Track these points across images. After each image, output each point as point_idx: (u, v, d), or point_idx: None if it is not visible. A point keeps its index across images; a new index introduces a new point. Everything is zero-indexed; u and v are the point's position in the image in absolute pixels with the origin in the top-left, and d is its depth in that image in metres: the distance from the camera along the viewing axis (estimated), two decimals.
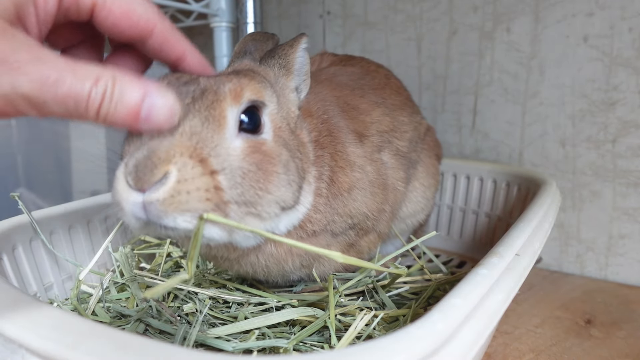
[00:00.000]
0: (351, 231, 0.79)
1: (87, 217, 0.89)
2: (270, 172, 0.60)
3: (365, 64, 1.04)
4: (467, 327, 0.46)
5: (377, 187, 0.80)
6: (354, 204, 0.76)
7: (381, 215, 0.82)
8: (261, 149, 0.60)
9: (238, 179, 0.56)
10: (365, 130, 0.83)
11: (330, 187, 0.73)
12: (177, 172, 0.52)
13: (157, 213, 0.52)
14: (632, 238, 1.11)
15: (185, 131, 0.54)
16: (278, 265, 0.72)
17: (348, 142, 0.78)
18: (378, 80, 0.99)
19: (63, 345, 0.41)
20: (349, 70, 0.98)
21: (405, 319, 0.73)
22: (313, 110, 0.77)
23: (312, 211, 0.71)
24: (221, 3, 1.36)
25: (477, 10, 1.26)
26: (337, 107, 0.82)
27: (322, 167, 0.73)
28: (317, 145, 0.74)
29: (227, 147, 0.57)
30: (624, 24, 1.07)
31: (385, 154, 0.86)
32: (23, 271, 0.76)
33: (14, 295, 0.51)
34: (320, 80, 0.89)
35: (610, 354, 0.83)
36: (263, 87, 0.63)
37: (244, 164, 0.57)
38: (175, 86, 0.58)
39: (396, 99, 0.97)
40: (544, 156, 1.21)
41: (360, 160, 0.78)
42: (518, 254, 0.62)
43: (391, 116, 0.91)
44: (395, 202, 0.88)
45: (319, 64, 1.04)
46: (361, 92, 0.90)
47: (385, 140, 0.87)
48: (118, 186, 0.54)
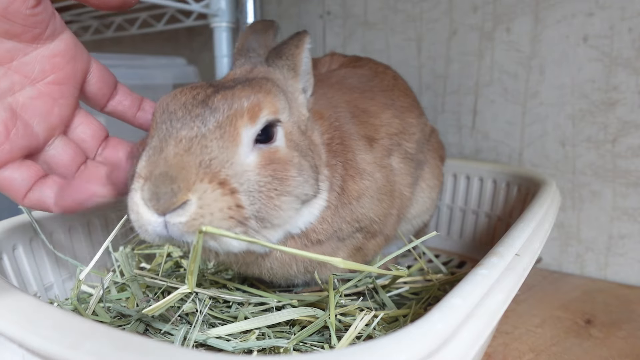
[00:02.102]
0: (358, 234, 0.79)
1: (87, 217, 0.89)
2: (286, 177, 0.61)
3: (373, 65, 1.04)
4: (467, 327, 0.46)
5: (384, 194, 0.80)
6: (361, 210, 0.76)
7: (388, 220, 0.83)
8: (274, 158, 0.61)
9: (256, 194, 0.58)
10: (375, 134, 0.83)
11: (341, 196, 0.74)
12: (198, 200, 0.54)
13: (180, 233, 0.54)
14: (632, 238, 1.11)
15: (203, 158, 0.55)
16: (282, 268, 0.73)
17: (358, 150, 0.78)
18: (387, 82, 0.98)
19: (63, 345, 0.41)
20: (358, 73, 0.98)
21: (405, 319, 0.73)
22: (325, 115, 0.78)
23: (318, 222, 0.71)
24: (221, 3, 1.36)
25: (477, 10, 1.26)
26: (348, 113, 0.82)
27: (334, 176, 0.73)
28: (329, 151, 0.74)
29: (243, 164, 0.58)
30: (624, 24, 1.07)
31: (395, 158, 0.86)
32: (23, 271, 0.76)
33: (14, 295, 0.51)
34: (331, 83, 0.89)
35: (610, 354, 0.83)
36: (278, 100, 0.64)
37: (260, 177, 0.59)
38: (190, 107, 0.59)
39: (405, 101, 0.97)
40: (544, 156, 1.21)
41: (370, 167, 0.78)
42: (518, 254, 0.62)
43: (400, 118, 0.91)
44: (401, 206, 0.88)
45: (329, 65, 1.03)
46: (371, 94, 0.90)
47: (394, 143, 0.87)
48: (138, 209, 0.55)
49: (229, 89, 0.61)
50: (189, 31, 1.85)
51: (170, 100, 0.61)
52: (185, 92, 0.61)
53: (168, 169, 0.54)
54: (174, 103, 0.60)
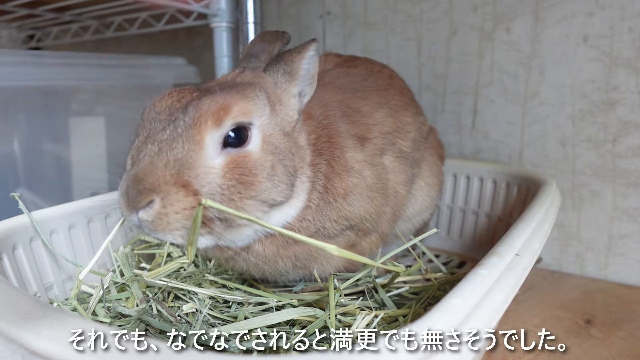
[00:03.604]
0: (349, 232, 0.79)
1: (87, 217, 0.89)
2: (252, 182, 0.63)
3: (369, 64, 1.04)
4: (467, 327, 0.46)
5: (375, 192, 0.80)
6: (349, 208, 0.76)
7: (381, 217, 0.82)
8: (243, 162, 0.63)
9: (218, 196, 0.61)
10: (367, 133, 0.83)
11: (324, 195, 0.74)
12: (160, 200, 0.58)
13: (149, 229, 0.59)
14: (632, 238, 1.11)
15: (169, 160, 0.59)
16: (269, 264, 0.74)
17: (347, 147, 0.78)
18: (382, 81, 0.99)
19: (63, 345, 0.41)
20: (352, 72, 0.98)
21: (405, 319, 0.73)
22: (314, 115, 0.78)
23: (297, 220, 0.72)
24: (221, 3, 1.36)
25: (477, 10, 1.26)
26: (339, 111, 0.82)
27: (317, 175, 0.74)
28: (315, 150, 0.75)
29: (207, 167, 0.61)
30: (624, 24, 1.07)
31: (388, 157, 0.86)
32: (23, 271, 0.76)
33: (14, 295, 0.51)
34: (324, 83, 0.89)
35: (610, 354, 0.83)
36: (253, 104, 0.65)
37: (225, 180, 0.62)
38: (172, 110, 0.63)
39: (400, 100, 0.97)
40: (544, 156, 1.21)
41: (359, 165, 0.78)
42: (518, 254, 0.62)
43: (394, 117, 0.91)
44: (397, 204, 0.88)
45: (323, 65, 1.04)
46: (364, 94, 0.90)
47: (388, 142, 0.87)
48: (120, 201, 0.61)
49: (207, 93, 0.64)
50: (189, 31, 1.85)
51: (157, 101, 0.65)
52: (172, 95, 0.65)
53: (139, 169, 0.59)
54: (160, 104, 0.64)
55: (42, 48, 2.05)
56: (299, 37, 1.59)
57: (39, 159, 1.28)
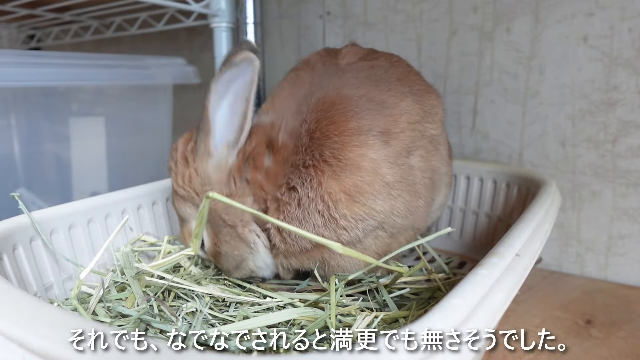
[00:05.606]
0: (380, 232, 0.78)
1: (87, 217, 0.89)
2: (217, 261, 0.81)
3: (388, 56, 0.99)
4: (467, 327, 0.46)
5: (400, 189, 0.76)
6: (362, 209, 0.74)
7: (416, 212, 0.80)
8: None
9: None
10: (393, 127, 0.78)
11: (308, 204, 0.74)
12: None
13: None
14: (632, 238, 1.11)
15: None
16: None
17: (355, 145, 0.74)
18: (402, 69, 0.95)
19: (63, 345, 0.41)
20: (374, 65, 0.93)
21: (406, 319, 0.73)
22: (289, 140, 0.78)
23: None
24: (221, 3, 1.36)
25: (477, 10, 1.26)
26: (364, 105, 0.78)
27: (290, 202, 0.75)
28: (297, 167, 0.75)
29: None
30: (624, 24, 1.07)
31: (416, 156, 0.82)
32: (23, 271, 0.76)
33: (14, 295, 0.51)
34: (345, 78, 0.86)
35: (611, 354, 0.83)
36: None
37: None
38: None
39: (422, 84, 0.94)
40: (544, 156, 1.21)
41: (371, 164, 0.74)
42: (518, 254, 0.62)
43: (420, 103, 0.86)
44: (427, 195, 0.84)
45: (349, 56, 0.98)
46: (387, 85, 0.85)
47: (417, 136, 0.82)
48: None
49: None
50: (189, 31, 1.85)
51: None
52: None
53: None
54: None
55: (42, 48, 2.05)
56: (299, 37, 1.59)
57: (39, 159, 1.28)
